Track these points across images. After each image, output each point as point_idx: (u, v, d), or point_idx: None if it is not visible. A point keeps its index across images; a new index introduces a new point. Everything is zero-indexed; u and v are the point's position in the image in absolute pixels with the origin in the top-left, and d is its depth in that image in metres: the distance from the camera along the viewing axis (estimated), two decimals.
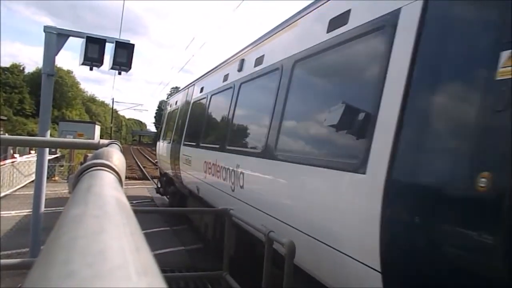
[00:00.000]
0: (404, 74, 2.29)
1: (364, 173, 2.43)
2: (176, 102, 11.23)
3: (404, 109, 2.24)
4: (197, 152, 7.26)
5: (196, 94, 8.67)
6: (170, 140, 10.32)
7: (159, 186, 12.77)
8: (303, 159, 3.34)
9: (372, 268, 2.27)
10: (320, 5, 3.60)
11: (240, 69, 5.64)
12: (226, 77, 6.36)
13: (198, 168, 6.94)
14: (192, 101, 8.93)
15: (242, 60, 5.63)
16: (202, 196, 6.93)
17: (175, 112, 10.73)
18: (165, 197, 12.11)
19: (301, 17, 4.00)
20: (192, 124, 8.44)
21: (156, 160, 15.14)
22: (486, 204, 1.75)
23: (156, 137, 13.39)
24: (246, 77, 5.36)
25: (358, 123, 2.71)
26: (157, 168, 16.14)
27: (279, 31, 4.57)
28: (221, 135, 6.13)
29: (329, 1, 3.45)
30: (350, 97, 3.04)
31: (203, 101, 7.75)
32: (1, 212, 8.70)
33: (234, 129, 5.72)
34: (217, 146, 5.95)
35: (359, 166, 2.50)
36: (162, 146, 11.86)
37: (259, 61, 4.95)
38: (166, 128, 11.95)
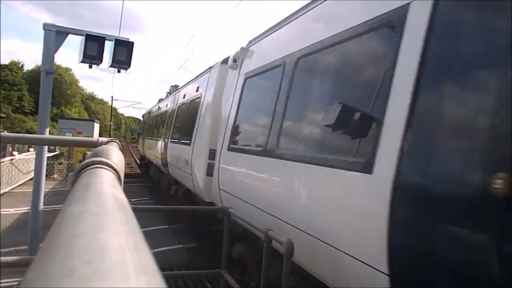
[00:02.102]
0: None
1: None
2: (146, 115, 20.62)
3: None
4: (148, 141, 15.48)
5: (151, 114, 17.32)
6: (143, 136, 18.52)
7: (139, 163, 22.19)
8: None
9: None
10: None
11: (159, 109, 14.54)
12: (158, 109, 15.02)
13: (149, 148, 14.66)
14: (150, 116, 17.36)
15: (158, 106, 14.94)
16: (151, 161, 14.24)
17: (146, 121, 19.80)
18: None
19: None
20: (149, 128, 16.51)
21: (138, 148, 24.96)
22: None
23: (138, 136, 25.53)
24: (157, 110, 15.02)
25: None
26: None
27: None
28: (151, 132, 14.96)
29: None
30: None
31: (152, 117, 16.22)
32: (0, 210, 8.70)
33: (155, 130, 13.55)
34: (152, 136, 14.29)
35: None
36: (140, 140, 21.21)
37: (162, 106, 13.56)
38: (143, 130, 20.96)
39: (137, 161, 25.88)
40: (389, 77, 2.33)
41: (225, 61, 6.13)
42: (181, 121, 8.96)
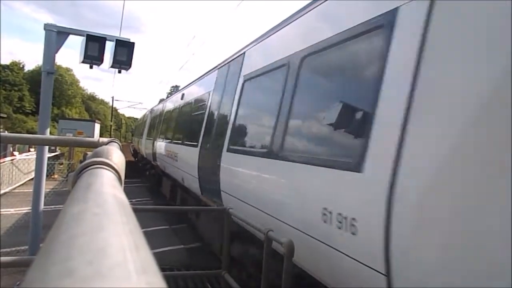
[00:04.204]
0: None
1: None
2: (137, 121, 33.59)
3: None
4: (135, 138, 25.78)
5: (137, 123, 31.81)
6: (134, 136, 27.79)
7: (132, 152, 27.02)
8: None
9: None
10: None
11: (140, 120, 28.15)
12: (140, 120, 28.47)
13: (136, 142, 23.65)
14: (137, 124, 30.50)
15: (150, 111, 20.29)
16: (136, 149, 23.14)
17: (137, 126, 28.21)
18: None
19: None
20: (136, 131, 27.20)
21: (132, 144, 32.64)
22: None
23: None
24: (140, 121, 28.48)
25: None
26: None
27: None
28: (136, 134, 25.52)
29: None
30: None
31: (137, 125, 29.83)
32: (1, 210, 8.71)
33: (138, 132, 23.25)
34: (136, 136, 24.39)
35: None
36: (133, 139, 29.02)
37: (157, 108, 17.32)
38: (134, 133, 31.25)
39: (132, 151, 32.36)
40: (142, 128, 21.07)
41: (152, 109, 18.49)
42: (143, 128, 18.85)
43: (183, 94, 9.77)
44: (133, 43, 5.88)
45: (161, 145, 11.18)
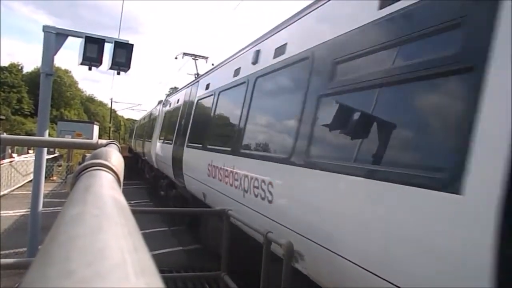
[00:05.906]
0: None
1: None
2: (134, 124, 34.18)
3: None
4: (131, 139, 27.42)
5: (133, 126, 32.46)
6: (132, 137, 27.44)
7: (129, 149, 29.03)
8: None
9: None
10: None
11: (135, 125, 30.93)
12: (135, 125, 30.36)
13: (131, 142, 26.96)
14: (133, 127, 31.34)
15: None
16: (133, 149, 24.01)
17: (135, 128, 28.57)
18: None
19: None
20: (131, 132, 31.61)
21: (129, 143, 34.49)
22: None
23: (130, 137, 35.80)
24: (136, 125, 29.29)
25: None
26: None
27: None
28: (132, 135, 28.39)
29: None
30: None
31: (133, 128, 32.08)
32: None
33: (134, 134, 25.72)
34: (132, 138, 27.03)
35: None
36: (131, 140, 29.89)
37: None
38: (130, 134, 32.71)
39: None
40: (136, 130, 27.08)
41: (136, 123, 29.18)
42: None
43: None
44: (132, 45, 5.87)
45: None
